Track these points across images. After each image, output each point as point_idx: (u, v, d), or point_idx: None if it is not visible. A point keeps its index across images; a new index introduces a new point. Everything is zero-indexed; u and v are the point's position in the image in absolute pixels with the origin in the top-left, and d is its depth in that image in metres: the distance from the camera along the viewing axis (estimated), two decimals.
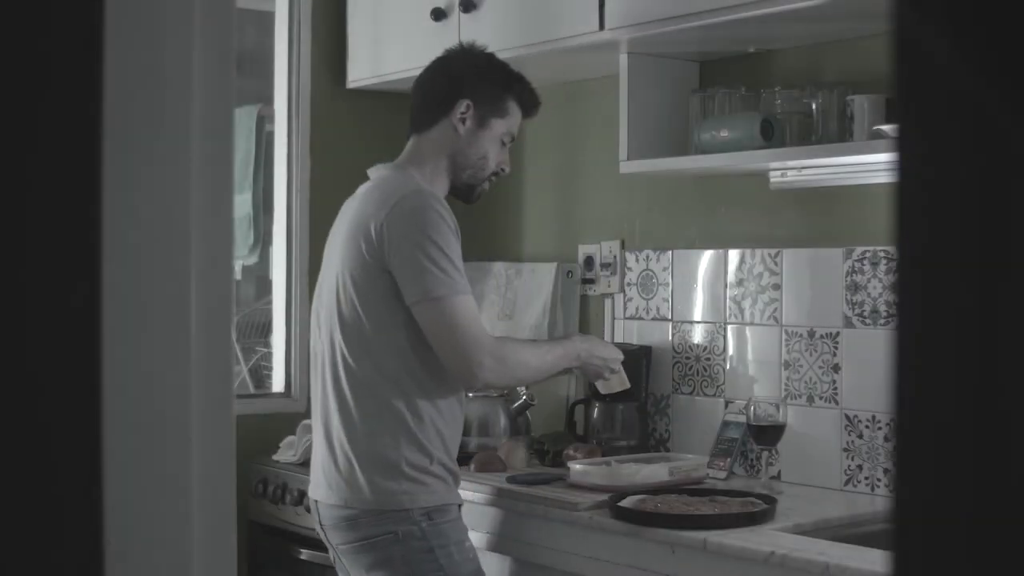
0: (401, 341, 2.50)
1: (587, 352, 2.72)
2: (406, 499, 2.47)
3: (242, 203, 3.74)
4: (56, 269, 0.68)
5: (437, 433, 2.54)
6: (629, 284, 3.39)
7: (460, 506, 2.58)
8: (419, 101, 2.73)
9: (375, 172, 2.72)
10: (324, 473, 2.56)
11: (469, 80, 2.68)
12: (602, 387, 2.85)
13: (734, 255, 3.13)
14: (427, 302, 2.45)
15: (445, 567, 2.48)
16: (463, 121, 2.66)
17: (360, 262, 2.52)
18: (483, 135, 2.68)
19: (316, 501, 2.60)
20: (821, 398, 2.92)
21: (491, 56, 2.76)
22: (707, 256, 3.19)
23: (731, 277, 3.13)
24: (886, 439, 2.78)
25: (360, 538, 2.49)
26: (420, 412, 2.51)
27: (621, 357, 2.80)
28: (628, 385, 2.85)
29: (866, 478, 2.83)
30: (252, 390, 4.78)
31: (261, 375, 4.97)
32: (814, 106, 2.81)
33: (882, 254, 2.79)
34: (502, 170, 2.75)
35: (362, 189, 2.70)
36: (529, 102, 2.75)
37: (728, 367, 3.13)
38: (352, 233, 2.56)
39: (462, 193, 2.74)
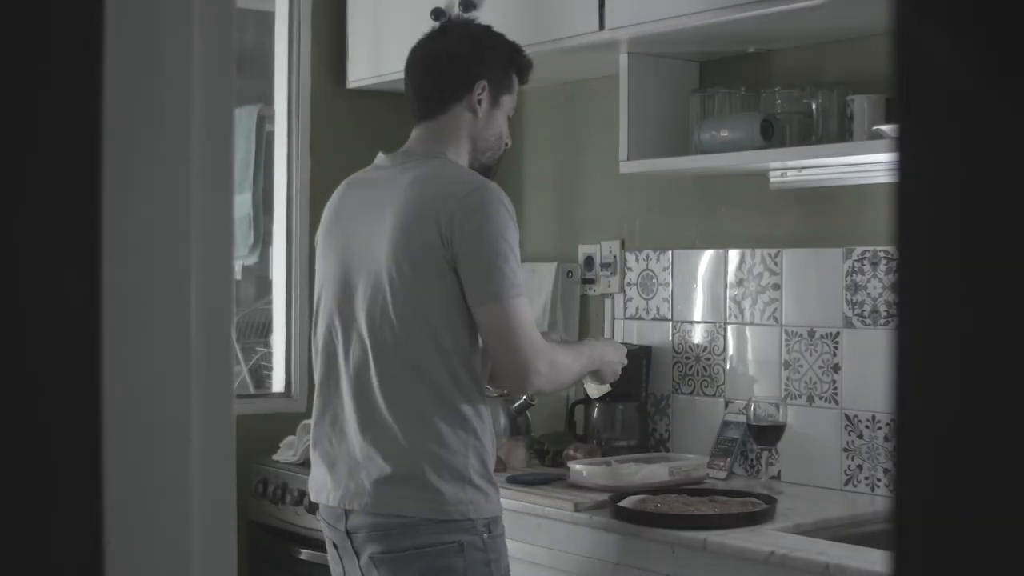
0: (463, 342, 2.37)
1: (601, 354, 2.65)
2: (471, 508, 2.33)
3: (242, 203, 3.74)
4: (56, 269, 0.68)
5: (491, 440, 2.43)
6: (629, 284, 3.39)
7: None
8: (428, 86, 2.56)
9: (397, 159, 2.55)
10: (368, 480, 2.36)
11: (481, 59, 2.56)
12: (594, 391, 2.79)
13: (734, 255, 3.13)
14: (495, 303, 2.34)
15: None
16: (480, 103, 2.54)
17: (416, 259, 2.36)
18: (496, 113, 2.58)
19: (347, 510, 2.40)
20: (821, 398, 2.92)
21: (491, 29, 2.64)
22: (707, 256, 3.19)
23: (731, 277, 3.13)
24: (886, 439, 2.78)
25: (416, 546, 2.32)
26: (481, 417, 2.39)
27: (626, 362, 2.74)
28: (609, 387, 2.79)
29: (866, 478, 2.83)
30: (252, 390, 4.78)
31: (261, 375, 4.97)
32: (814, 106, 2.81)
33: (882, 254, 2.79)
34: (507, 144, 2.65)
35: (380, 175, 2.54)
36: (526, 70, 2.65)
37: (728, 367, 3.13)
38: (400, 227, 2.39)
39: (481, 174, 2.54)
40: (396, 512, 2.33)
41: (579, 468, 2.79)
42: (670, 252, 3.29)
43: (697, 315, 3.21)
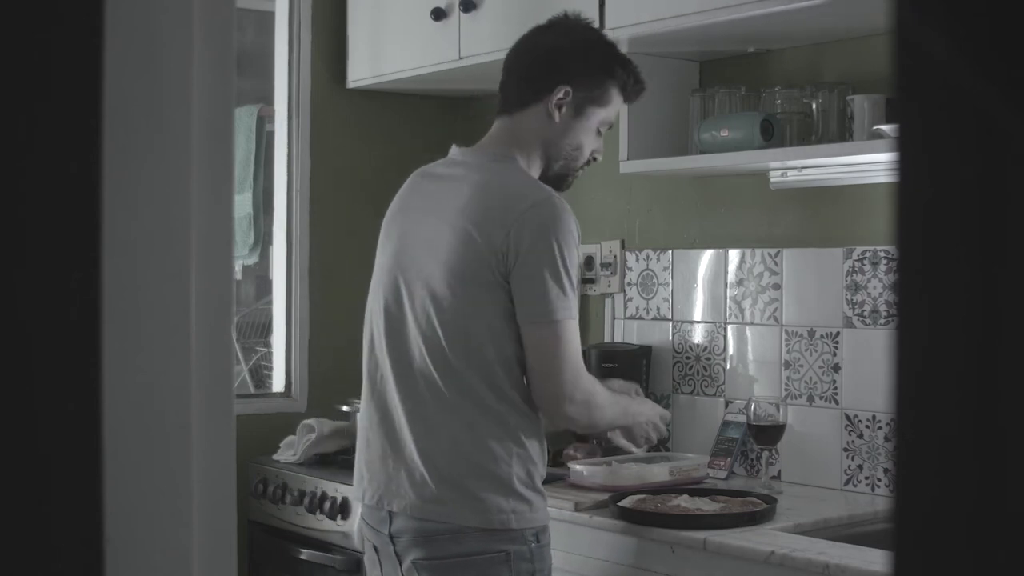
0: (509, 352, 2.31)
1: (637, 412, 2.55)
2: (513, 519, 2.29)
3: (242, 203, 3.74)
4: (56, 269, 0.68)
5: (540, 448, 2.38)
6: (629, 284, 3.39)
7: None
8: (513, 80, 2.46)
9: (468, 156, 2.45)
10: (413, 483, 2.32)
11: (570, 63, 2.41)
12: (625, 446, 2.68)
13: (734, 255, 3.13)
14: (544, 324, 2.27)
15: None
16: (559, 108, 2.40)
17: (469, 267, 2.30)
18: (578, 125, 2.43)
19: (391, 513, 2.35)
20: (821, 398, 2.92)
21: (597, 34, 2.51)
22: (707, 256, 3.20)
23: (731, 277, 3.13)
24: (886, 439, 2.78)
25: (461, 553, 2.29)
26: (527, 427, 2.34)
27: (663, 430, 2.63)
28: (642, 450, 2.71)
29: (866, 478, 2.83)
30: (252, 390, 4.79)
31: (261, 375, 4.98)
32: (814, 106, 2.81)
33: (882, 254, 2.79)
34: (595, 158, 2.50)
35: (449, 170, 2.45)
36: (633, 89, 2.49)
37: (728, 367, 3.13)
38: (458, 231, 2.32)
39: (552, 182, 2.44)
40: (441, 519, 2.30)
41: (579, 468, 2.79)
42: (670, 252, 3.29)
43: (697, 315, 3.21)
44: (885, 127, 2.54)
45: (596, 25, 2.70)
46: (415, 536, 2.32)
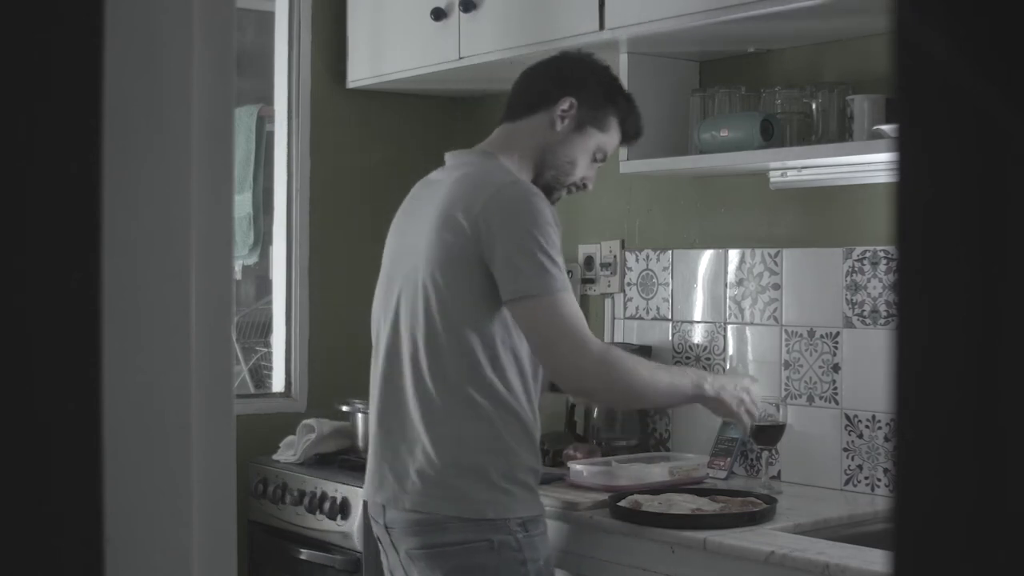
0: (492, 340, 2.35)
1: (707, 379, 2.49)
2: (492, 508, 2.33)
3: (242, 203, 3.74)
4: (56, 269, 0.68)
5: (527, 439, 2.40)
6: (629, 284, 3.39)
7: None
8: (521, 89, 2.59)
9: (457, 158, 2.55)
10: (397, 475, 2.40)
11: (578, 80, 2.55)
12: (737, 429, 2.61)
13: (734, 255, 3.13)
14: (527, 299, 2.29)
15: None
16: (562, 118, 2.51)
17: (447, 256, 2.35)
18: (577, 140, 2.53)
19: (383, 505, 2.44)
20: (821, 398, 2.92)
21: (607, 68, 2.62)
22: (707, 256, 3.19)
23: (731, 277, 3.13)
24: (886, 439, 2.78)
25: (446, 543, 2.34)
26: (508, 416, 2.36)
27: (752, 389, 2.55)
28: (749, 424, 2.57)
29: (866, 478, 2.83)
30: (252, 390, 4.78)
31: (261, 375, 4.98)
32: (814, 106, 2.81)
33: (882, 254, 2.79)
34: (584, 185, 2.59)
35: (441, 175, 2.54)
36: (630, 125, 2.61)
37: (728, 367, 3.13)
38: (436, 224, 2.39)
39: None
40: (425, 509, 2.36)
41: (579, 468, 2.79)
42: (670, 252, 3.29)
43: (697, 315, 3.21)
44: (885, 127, 2.54)
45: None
46: (405, 527, 2.40)
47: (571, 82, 2.54)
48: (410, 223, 2.52)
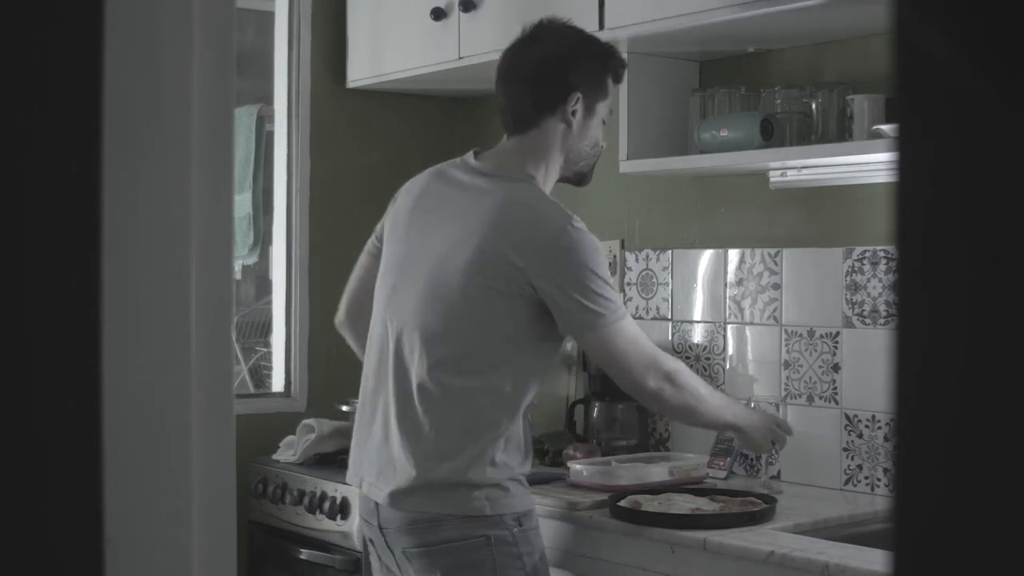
0: (503, 356, 2.38)
1: (749, 415, 2.61)
2: (488, 504, 2.35)
3: (242, 203, 3.74)
4: (56, 269, 0.68)
5: (515, 439, 2.42)
6: (629, 284, 3.39)
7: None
8: (524, 100, 2.49)
9: (487, 171, 2.48)
10: (395, 474, 2.40)
11: (575, 70, 2.47)
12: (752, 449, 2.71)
13: (734, 255, 3.13)
14: (592, 334, 2.36)
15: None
16: (574, 114, 2.47)
17: (488, 284, 2.35)
18: (590, 123, 2.50)
19: (378, 504, 2.44)
20: (821, 398, 2.92)
21: (583, 33, 2.55)
22: (707, 256, 3.19)
23: (731, 277, 3.13)
24: (886, 439, 2.78)
25: (442, 540, 2.36)
26: (504, 417, 2.38)
27: (778, 439, 2.64)
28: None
29: (866, 478, 2.83)
30: (252, 390, 4.78)
31: (261, 375, 4.98)
32: (814, 106, 2.81)
33: (882, 254, 2.79)
34: (601, 147, 2.58)
35: (467, 177, 2.49)
36: (620, 71, 2.57)
37: (728, 367, 3.13)
38: (480, 247, 2.36)
39: (572, 180, 2.58)
40: (421, 508, 2.38)
41: (579, 468, 2.79)
42: (670, 252, 3.29)
43: (697, 315, 3.21)
44: (885, 127, 2.54)
45: (584, 26, 2.73)
46: (400, 526, 2.40)
47: (570, 76, 2.47)
48: (437, 226, 2.46)
